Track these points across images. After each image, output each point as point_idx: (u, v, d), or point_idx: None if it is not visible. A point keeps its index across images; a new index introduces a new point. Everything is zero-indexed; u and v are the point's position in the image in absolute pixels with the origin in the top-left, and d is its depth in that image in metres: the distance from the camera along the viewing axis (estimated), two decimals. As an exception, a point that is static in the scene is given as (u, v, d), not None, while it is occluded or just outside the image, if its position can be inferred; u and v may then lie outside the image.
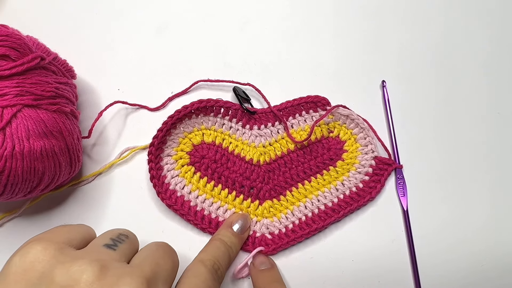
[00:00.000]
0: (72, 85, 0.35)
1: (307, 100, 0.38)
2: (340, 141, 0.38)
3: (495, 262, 0.37)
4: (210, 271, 0.28)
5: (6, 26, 0.32)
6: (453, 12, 0.43)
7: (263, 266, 0.34)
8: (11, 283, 0.21)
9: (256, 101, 0.40)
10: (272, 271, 0.34)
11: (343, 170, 0.38)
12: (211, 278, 0.27)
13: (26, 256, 0.22)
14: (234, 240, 0.33)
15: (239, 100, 0.38)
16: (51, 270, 0.22)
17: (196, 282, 0.26)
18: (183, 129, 0.37)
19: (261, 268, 0.33)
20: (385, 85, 0.40)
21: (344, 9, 0.43)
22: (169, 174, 0.36)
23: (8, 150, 0.28)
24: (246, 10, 0.43)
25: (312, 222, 0.36)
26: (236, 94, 0.38)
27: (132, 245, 0.26)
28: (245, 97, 0.39)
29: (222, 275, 0.30)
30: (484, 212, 0.38)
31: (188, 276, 0.27)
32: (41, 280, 0.21)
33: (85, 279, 0.21)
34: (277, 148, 0.38)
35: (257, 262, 0.34)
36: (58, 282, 0.21)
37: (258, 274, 0.33)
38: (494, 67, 0.42)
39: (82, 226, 0.27)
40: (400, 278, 0.36)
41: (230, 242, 0.33)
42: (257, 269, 0.34)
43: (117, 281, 0.22)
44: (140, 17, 0.42)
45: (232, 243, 0.33)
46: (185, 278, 0.26)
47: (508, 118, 0.40)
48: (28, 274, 0.21)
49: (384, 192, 0.38)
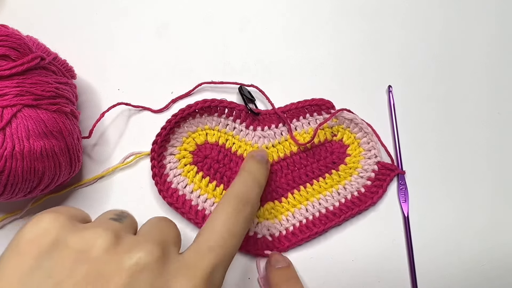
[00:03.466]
0: (72, 85, 0.35)
1: (311, 103, 0.38)
2: (344, 145, 0.38)
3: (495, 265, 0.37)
4: (233, 212, 0.28)
5: (6, 26, 0.32)
6: (454, 13, 0.43)
7: (279, 264, 0.34)
8: (23, 250, 0.21)
9: (259, 102, 0.40)
10: (288, 269, 0.34)
11: (345, 174, 0.38)
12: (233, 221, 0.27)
13: (38, 224, 0.22)
14: (260, 167, 0.34)
15: (244, 100, 0.38)
16: (65, 236, 0.22)
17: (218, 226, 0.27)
18: (187, 128, 0.37)
19: (278, 266, 0.34)
20: (391, 90, 0.40)
21: (345, 9, 0.43)
22: (172, 172, 0.36)
23: (8, 150, 0.28)
24: (247, 10, 0.42)
25: (313, 225, 0.36)
26: (242, 94, 0.38)
27: (133, 221, 0.26)
28: (250, 97, 0.39)
29: (253, 208, 0.30)
30: (485, 220, 0.38)
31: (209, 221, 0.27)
32: (54, 246, 0.21)
33: (99, 244, 0.21)
34: (280, 150, 0.38)
35: (273, 260, 0.34)
36: (72, 247, 0.21)
37: (275, 272, 0.33)
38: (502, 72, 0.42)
39: (80, 209, 0.27)
40: (399, 278, 0.36)
41: (256, 171, 0.33)
42: (273, 267, 0.34)
43: (132, 246, 0.22)
44: (140, 17, 0.42)
45: (259, 171, 0.33)
46: (207, 222, 0.27)
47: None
48: (40, 240, 0.21)
49: (385, 197, 0.38)
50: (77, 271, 0.20)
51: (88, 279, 0.20)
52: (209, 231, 0.26)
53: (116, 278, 0.21)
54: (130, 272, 0.21)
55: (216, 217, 0.27)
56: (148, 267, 0.22)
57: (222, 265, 0.25)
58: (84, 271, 0.20)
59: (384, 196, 0.38)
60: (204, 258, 0.24)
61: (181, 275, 0.23)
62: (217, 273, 0.25)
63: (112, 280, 0.20)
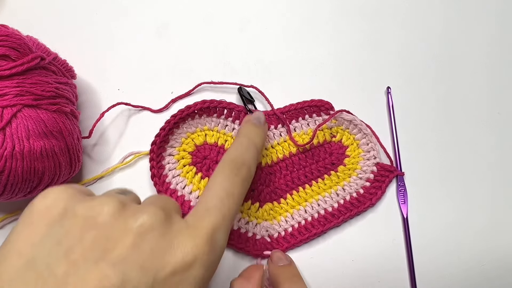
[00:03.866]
0: (72, 85, 0.35)
1: (310, 104, 0.38)
2: (343, 146, 0.38)
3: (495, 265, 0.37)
4: (229, 174, 0.29)
5: (6, 26, 0.32)
6: (453, 13, 0.43)
7: (281, 262, 0.34)
8: (35, 220, 0.22)
9: (259, 103, 0.40)
10: (291, 267, 0.34)
11: (344, 175, 0.38)
12: (230, 182, 0.28)
13: (47, 196, 0.23)
14: (256, 129, 0.34)
15: (243, 101, 0.38)
16: (73, 205, 0.23)
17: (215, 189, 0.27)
18: (185, 129, 0.37)
19: (280, 264, 0.34)
20: (390, 92, 0.40)
21: (345, 9, 0.43)
22: (170, 173, 0.36)
23: (8, 150, 0.28)
24: (246, 10, 0.42)
25: (312, 226, 0.36)
26: (241, 95, 0.38)
27: (137, 197, 0.27)
28: (250, 98, 0.39)
29: (249, 170, 0.30)
30: (485, 221, 0.38)
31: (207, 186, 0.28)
32: (63, 215, 0.22)
33: (106, 210, 0.23)
34: (279, 150, 0.38)
35: (275, 258, 0.34)
36: (80, 215, 0.22)
37: (277, 270, 0.33)
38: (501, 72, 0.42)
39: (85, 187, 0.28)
40: (399, 279, 0.36)
41: (252, 133, 0.33)
42: (275, 265, 0.34)
43: (137, 211, 0.23)
44: (140, 17, 0.42)
45: (254, 133, 0.34)
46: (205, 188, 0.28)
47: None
48: (50, 210, 0.22)
49: (384, 198, 0.38)
50: (86, 236, 0.22)
51: (96, 243, 0.21)
52: (207, 195, 0.27)
53: (123, 239, 0.22)
54: (136, 233, 0.22)
55: (213, 181, 0.28)
56: (153, 228, 0.23)
57: (223, 226, 0.26)
58: (92, 235, 0.22)
59: (383, 197, 0.38)
60: (203, 219, 0.25)
61: (183, 235, 0.24)
62: (219, 234, 0.25)
63: (120, 242, 0.22)
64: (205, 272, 0.24)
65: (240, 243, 0.36)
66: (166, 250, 0.23)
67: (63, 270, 0.20)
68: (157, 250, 0.22)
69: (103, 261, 0.21)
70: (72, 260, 0.21)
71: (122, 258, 0.21)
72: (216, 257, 0.25)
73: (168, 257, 0.23)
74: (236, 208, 0.28)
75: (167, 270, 0.22)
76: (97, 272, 0.20)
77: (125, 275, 0.21)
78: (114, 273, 0.21)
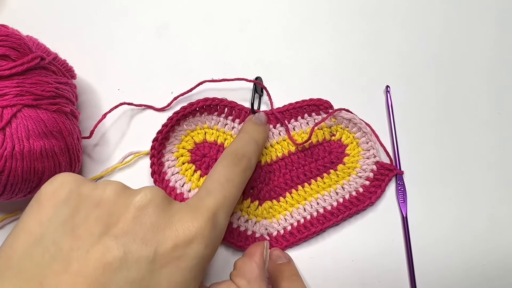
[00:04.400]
0: (72, 85, 0.35)
1: (309, 103, 0.38)
2: (342, 145, 0.38)
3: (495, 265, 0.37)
4: (229, 163, 0.30)
5: (6, 26, 0.32)
6: (453, 13, 0.43)
7: (280, 260, 0.34)
8: (43, 202, 0.24)
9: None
10: (289, 265, 0.34)
11: (343, 174, 0.38)
12: (230, 170, 0.29)
13: (53, 181, 0.25)
14: (257, 127, 0.35)
15: (253, 97, 0.38)
16: (78, 187, 0.24)
17: (215, 176, 0.29)
18: (186, 127, 0.37)
19: (278, 262, 0.34)
20: (389, 90, 0.40)
21: (345, 9, 0.43)
22: (170, 170, 0.36)
23: (8, 150, 0.28)
24: (246, 10, 0.42)
25: (311, 225, 0.36)
26: (254, 89, 0.38)
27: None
28: (260, 93, 0.39)
29: (250, 161, 0.31)
30: (485, 221, 0.38)
31: (208, 175, 0.30)
32: (69, 196, 0.24)
33: (109, 189, 0.24)
34: (278, 149, 0.38)
35: (274, 256, 0.34)
36: (85, 195, 0.24)
37: (276, 268, 0.33)
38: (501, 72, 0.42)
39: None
40: (399, 278, 0.36)
41: (253, 130, 0.34)
42: (274, 263, 0.34)
43: (138, 189, 0.25)
44: (140, 17, 0.42)
45: (256, 130, 0.34)
46: (207, 177, 0.29)
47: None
48: (57, 193, 0.24)
49: (384, 197, 0.38)
50: (91, 213, 0.23)
51: (100, 219, 0.23)
52: (208, 181, 0.28)
53: (125, 213, 0.23)
54: (137, 206, 0.23)
55: (214, 170, 0.29)
56: (153, 202, 0.24)
57: (224, 206, 0.27)
58: (96, 212, 0.23)
59: (383, 196, 0.37)
60: (205, 200, 0.26)
61: (184, 212, 0.25)
62: (220, 214, 0.26)
63: (122, 216, 0.23)
64: (205, 249, 0.24)
65: (239, 241, 0.36)
66: (167, 225, 0.24)
67: (68, 245, 0.22)
68: (157, 224, 0.23)
69: (106, 235, 0.22)
70: (77, 235, 0.22)
71: (123, 231, 0.22)
72: (216, 236, 0.26)
73: (169, 232, 0.23)
74: (237, 194, 0.29)
75: (168, 244, 0.23)
76: (100, 245, 0.22)
77: (126, 248, 0.22)
78: (117, 246, 0.22)
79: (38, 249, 0.22)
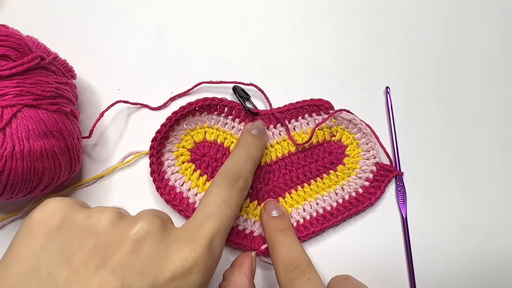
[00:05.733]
0: (72, 85, 0.35)
1: (310, 103, 0.38)
2: (342, 145, 0.38)
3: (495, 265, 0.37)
4: (226, 184, 0.29)
5: (6, 26, 0.32)
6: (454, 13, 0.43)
7: (275, 213, 0.34)
8: (34, 230, 0.23)
9: (259, 102, 0.40)
10: (283, 219, 0.34)
11: (343, 175, 0.37)
12: (228, 192, 0.29)
13: (45, 207, 0.24)
14: (255, 141, 0.34)
15: (240, 100, 0.38)
16: (71, 215, 0.23)
17: (213, 198, 0.28)
18: (185, 126, 0.37)
19: (273, 215, 0.34)
20: (389, 91, 0.39)
21: (345, 9, 0.43)
22: (169, 170, 0.36)
23: (8, 150, 0.28)
24: (246, 10, 0.42)
25: (310, 225, 0.36)
26: (237, 94, 0.38)
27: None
28: (245, 96, 0.39)
29: (246, 182, 0.31)
30: (484, 221, 0.38)
31: (205, 195, 0.29)
32: (62, 224, 0.23)
33: (105, 218, 0.23)
34: (278, 149, 0.38)
35: (269, 207, 0.34)
36: (79, 223, 0.23)
37: (270, 221, 0.33)
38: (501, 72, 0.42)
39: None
40: (399, 279, 0.36)
41: (251, 145, 0.34)
42: (268, 215, 0.34)
43: (134, 219, 0.24)
44: (140, 17, 0.42)
45: (254, 145, 0.34)
46: (203, 197, 0.29)
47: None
48: (50, 220, 0.23)
49: (383, 198, 0.38)
50: (86, 244, 0.22)
51: (96, 250, 0.22)
52: (205, 203, 0.28)
53: (122, 246, 0.22)
54: (134, 239, 0.23)
55: (211, 190, 0.29)
56: (150, 234, 0.23)
57: (221, 232, 0.27)
58: (92, 243, 0.22)
59: (383, 197, 0.37)
60: (202, 226, 0.26)
61: (181, 241, 0.24)
62: (217, 241, 0.26)
63: (119, 248, 0.22)
64: (202, 278, 0.24)
65: (237, 239, 0.36)
66: (165, 256, 0.23)
67: (65, 277, 0.21)
68: (155, 256, 0.23)
69: (103, 268, 0.21)
70: (73, 267, 0.21)
71: (121, 264, 0.22)
72: (213, 263, 0.26)
73: (166, 263, 0.23)
74: (234, 217, 0.29)
75: (166, 275, 0.23)
76: (97, 278, 0.21)
77: (124, 281, 0.21)
78: (114, 279, 0.21)
79: (34, 280, 0.21)
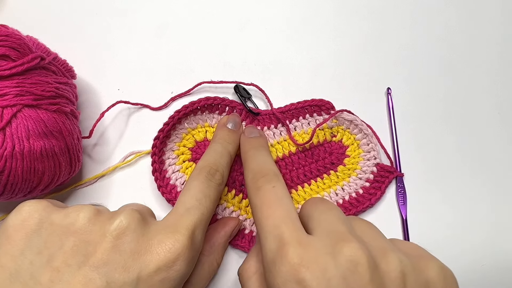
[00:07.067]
0: (72, 85, 0.35)
1: (311, 103, 0.38)
2: (343, 146, 0.38)
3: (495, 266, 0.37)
4: (204, 179, 0.29)
5: (6, 26, 0.32)
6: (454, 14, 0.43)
7: (253, 134, 0.35)
8: (12, 234, 0.23)
9: (260, 102, 0.40)
10: (260, 138, 0.35)
11: (344, 175, 0.37)
12: (206, 185, 0.29)
13: (21, 210, 0.24)
14: (231, 136, 0.34)
15: (242, 100, 0.38)
16: (48, 216, 0.23)
17: (192, 192, 0.28)
18: (187, 125, 0.37)
19: (250, 136, 0.35)
20: (390, 92, 0.39)
21: (345, 9, 0.43)
22: (170, 168, 0.37)
23: (8, 150, 0.28)
24: (246, 10, 0.42)
25: None
26: (238, 94, 0.38)
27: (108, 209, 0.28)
28: (246, 95, 0.39)
29: (222, 176, 0.31)
30: (484, 222, 0.38)
31: (184, 189, 0.29)
32: (40, 225, 0.23)
33: (82, 216, 0.23)
34: (278, 149, 0.38)
35: (247, 131, 0.35)
36: (57, 223, 0.23)
37: (246, 141, 0.34)
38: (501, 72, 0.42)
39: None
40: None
41: (227, 140, 0.34)
42: (246, 137, 0.35)
43: (112, 215, 0.24)
44: (140, 17, 0.42)
45: (230, 140, 0.34)
46: (182, 191, 0.29)
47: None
48: (26, 223, 0.23)
49: (384, 199, 0.38)
50: (66, 243, 0.22)
51: (77, 249, 0.22)
52: (185, 196, 0.28)
53: (102, 243, 0.22)
54: (115, 234, 0.23)
55: (190, 184, 0.29)
56: (130, 228, 0.23)
57: (201, 225, 0.27)
58: (71, 242, 0.22)
59: (383, 198, 0.37)
60: (184, 217, 0.26)
61: (163, 233, 0.24)
62: (198, 232, 0.26)
63: (100, 245, 0.22)
64: (186, 268, 0.24)
65: (236, 239, 0.36)
66: (147, 249, 0.23)
67: (48, 278, 0.21)
68: (137, 250, 0.23)
69: (85, 266, 0.22)
70: (55, 267, 0.21)
71: (104, 261, 0.22)
72: (195, 254, 0.26)
73: (150, 256, 0.23)
74: (213, 210, 0.29)
75: (150, 268, 0.23)
76: (81, 277, 0.21)
77: (109, 278, 0.21)
78: (99, 276, 0.21)
79: (17, 284, 0.21)
